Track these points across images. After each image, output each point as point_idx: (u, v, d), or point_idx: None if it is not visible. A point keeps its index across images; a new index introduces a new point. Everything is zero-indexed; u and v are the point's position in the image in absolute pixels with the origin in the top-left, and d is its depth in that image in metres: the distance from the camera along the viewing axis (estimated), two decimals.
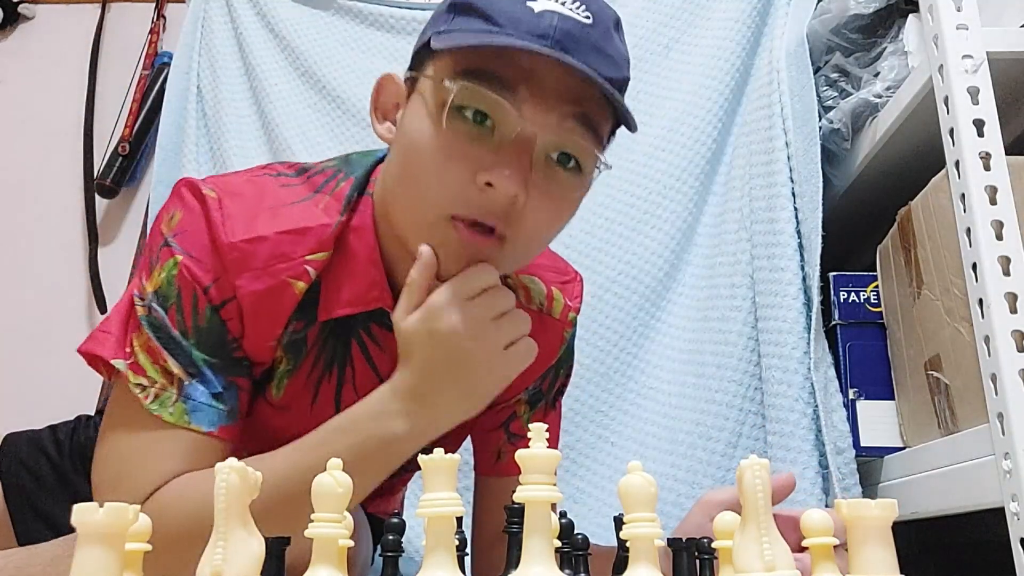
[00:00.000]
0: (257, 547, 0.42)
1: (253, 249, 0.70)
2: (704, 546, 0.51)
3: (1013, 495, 0.75)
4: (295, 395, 0.77)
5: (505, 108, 0.64)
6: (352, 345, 0.76)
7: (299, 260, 0.71)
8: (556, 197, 0.68)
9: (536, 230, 0.69)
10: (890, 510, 0.45)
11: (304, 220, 0.72)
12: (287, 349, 0.74)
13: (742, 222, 1.27)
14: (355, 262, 0.73)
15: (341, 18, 1.64)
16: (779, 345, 1.12)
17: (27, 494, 0.89)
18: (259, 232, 0.70)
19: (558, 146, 0.66)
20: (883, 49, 1.12)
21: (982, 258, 0.82)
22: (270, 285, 0.70)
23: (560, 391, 0.92)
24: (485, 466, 0.89)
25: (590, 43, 0.65)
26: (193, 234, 0.70)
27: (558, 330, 0.87)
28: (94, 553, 0.41)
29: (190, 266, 0.69)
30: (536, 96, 0.64)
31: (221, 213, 0.70)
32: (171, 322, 0.69)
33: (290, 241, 0.71)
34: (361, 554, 0.75)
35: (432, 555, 0.42)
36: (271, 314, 0.71)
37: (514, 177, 0.64)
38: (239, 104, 1.59)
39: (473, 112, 0.65)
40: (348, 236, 0.73)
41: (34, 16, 1.92)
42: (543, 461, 0.43)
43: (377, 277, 0.73)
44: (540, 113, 0.65)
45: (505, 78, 0.64)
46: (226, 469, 0.43)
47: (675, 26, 1.47)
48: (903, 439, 1.05)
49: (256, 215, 0.71)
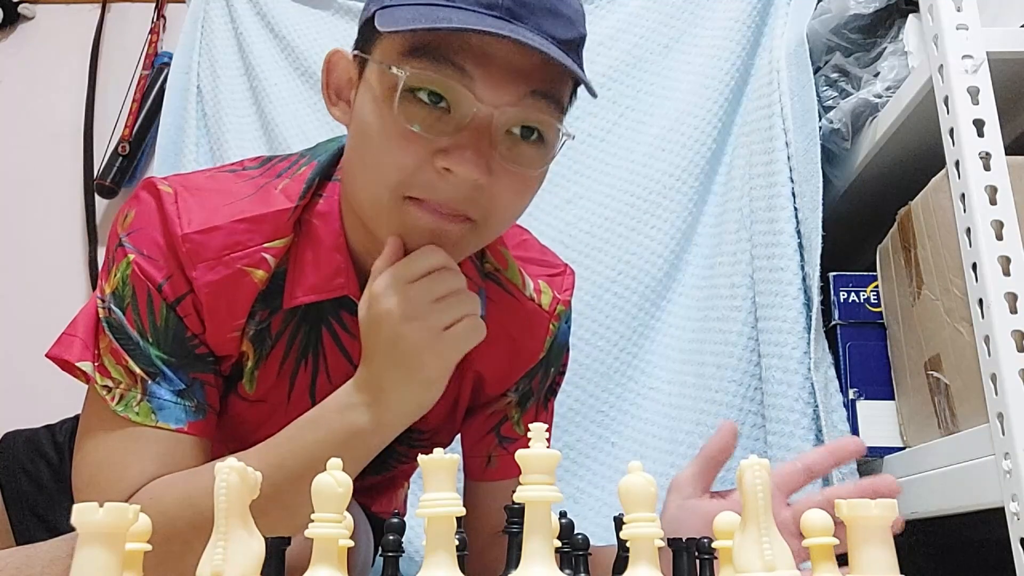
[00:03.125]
0: (257, 547, 0.42)
1: (206, 240, 0.69)
2: (704, 546, 0.51)
3: (1013, 495, 0.75)
4: (269, 388, 0.76)
5: (458, 90, 0.62)
6: (323, 334, 0.75)
7: (255, 248, 0.70)
8: (520, 172, 0.66)
9: (505, 208, 0.68)
10: (890, 510, 0.45)
11: (260, 207, 0.71)
12: (252, 340, 0.73)
13: (742, 222, 1.27)
14: (320, 248, 0.72)
15: (341, 18, 1.64)
16: (779, 345, 1.12)
17: (26, 497, 0.88)
18: (213, 222, 0.69)
19: (517, 121, 0.64)
20: (883, 49, 1.12)
21: (982, 258, 0.82)
22: (225, 275, 0.69)
23: (552, 390, 0.90)
24: (476, 472, 0.87)
25: (542, 6, 0.62)
26: (146, 231, 0.69)
27: (543, 322, 0.84)
28: (94, 553, 0.41)
29: (142, 264, 0.69)
30: (490, 74, 0.62)
31: (176, 207, 0.69)
32: (128, 322, 0.69)
33: (245, 229, 0.70)
34: (362, 554, 0.75)
35: (432, 555, 0.42)
36: (230, 305, 0.70)
37: (474, 161, 0.62)
38: (239, 104, 1.59)
39: (427, 93, 0.63)
40: (313, 221, 0.72)
41: (34, 16, 1.92)
42: (543, 461, 0.43)
43: (342, 263, 0.72)
44: (495, 91, 0.62)
45: (455, 58, 0.61)
46: (226, 469, 0.43)
47: (675, 26, 1.47)
48: (903, 439, 1.05)
49: (213, 207, 0.70)
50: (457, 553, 0.44)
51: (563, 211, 1.39)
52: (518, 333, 0.83)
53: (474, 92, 0.62)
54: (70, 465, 0.90)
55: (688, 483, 0.73)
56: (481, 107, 0.62)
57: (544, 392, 0.89)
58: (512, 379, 0.85)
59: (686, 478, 0.73)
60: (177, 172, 1.49)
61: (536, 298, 0.84)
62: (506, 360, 0.84)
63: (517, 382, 0.86)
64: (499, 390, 0.86)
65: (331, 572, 0.42)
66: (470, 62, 0.62)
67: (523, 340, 0.84)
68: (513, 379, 0.86)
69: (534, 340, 0.85)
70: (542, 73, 0.63)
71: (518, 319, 0.83)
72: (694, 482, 0.73)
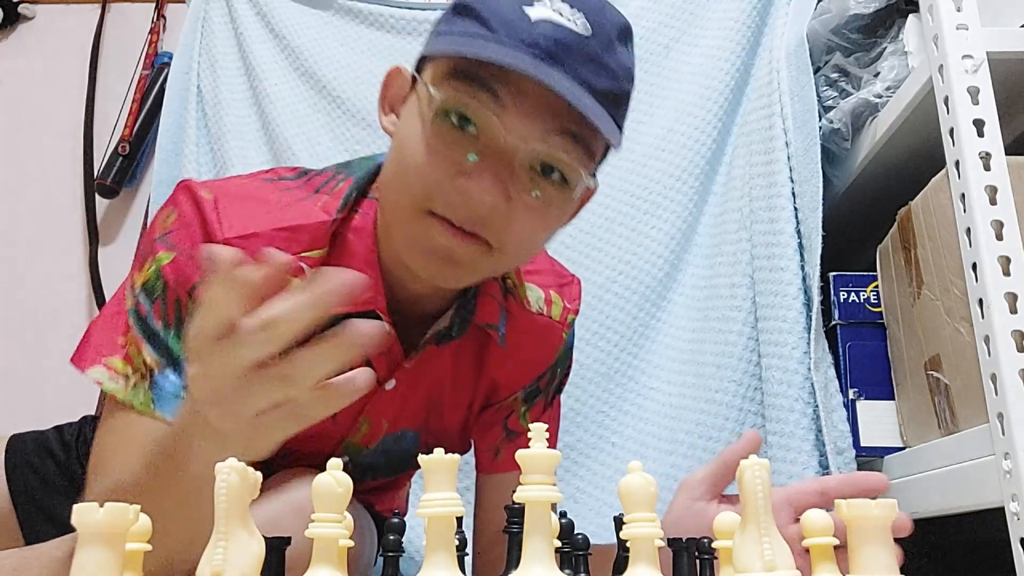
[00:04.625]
0: (257, 547, 0.42)
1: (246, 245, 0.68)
2: (704, 546, 0.51)
3: (1013, 495, 0.75)
4: None
5: (488, 117, 0.64)
6: None
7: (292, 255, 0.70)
8: (540, 207, 0.67)
9: (523, 238, 0.68)
10: (890, 510, 0.45)
11: (299, 218, 0.72)
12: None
13: (742, 222, 1.27)
14: (352, 261, 0.73)
15: (341, 18, 1.64)
16: (779, 345, 1.12)
17: (33, 494, 0.89)
18: (252, 229, 0.70)
19: (539, 157, 0.65)
20: (883, 49, 1.12)
21: (982, 258, 0.82)
22: None
23: (559, 388, 0.93)
24: (485, 464, 0.90)
25: (584, 53, 0.63)
26: (186, 233, 0.70)
27: (557, 332, 0.87)
28: (94, 553, 0.41)
29: (180, 263, 0.69)
30: (520, 107, 0.64)
31: (217, 213, 0.70)
32: (155, 313, 0.70)
33: (284, 238, 0.70)
34: (364, 553, 0.75)
35: (432, 555, 0.42)
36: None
37: (491, 186, 0.64)
38: (239, 104, 1.59)
39: (458, 116, 0.65)
40: (347, 236, 0.73)
41: (34, 16, 1.92)
42: (543, 461, 0.43)
43: (372, 278, 0.72)
44: (523, 124, 0.64)
45: (491, 87, 0.63)
46: (226, 469, 0.43)
47: (675, 26, 1.47)
48: (903, 439, 1.05)
49: (252, 214, 0.71)
50: (457, 553, 0.44)
51: None
52: (533, 345, 0.86)
53: (503, 122, 0.63)
54: (77, 462, 0.92)
55: (699, 484, 0.73)
56: (508, 137, 0.64)
57: (552, 391, 0.91)
58: (523, 384, 0.88)
59: (697, 479, 0.73)
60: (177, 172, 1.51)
61: (546, 309, 0.86)
62: (520, 369, 0.87)
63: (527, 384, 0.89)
64: (510, 394, 0.88)
65: (331, 572, 0.42)
66: (504, 93, 0.63)
67: (537, 351, 0.87)
68: (524, 384, 0.88)
69: (546, 350, 0.87)
70: (573, 116, 0.64)
71: (533, 332, 0.85)
72: (705, 484, 0.73)
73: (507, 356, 0.84)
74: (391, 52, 1.59)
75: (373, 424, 0.81)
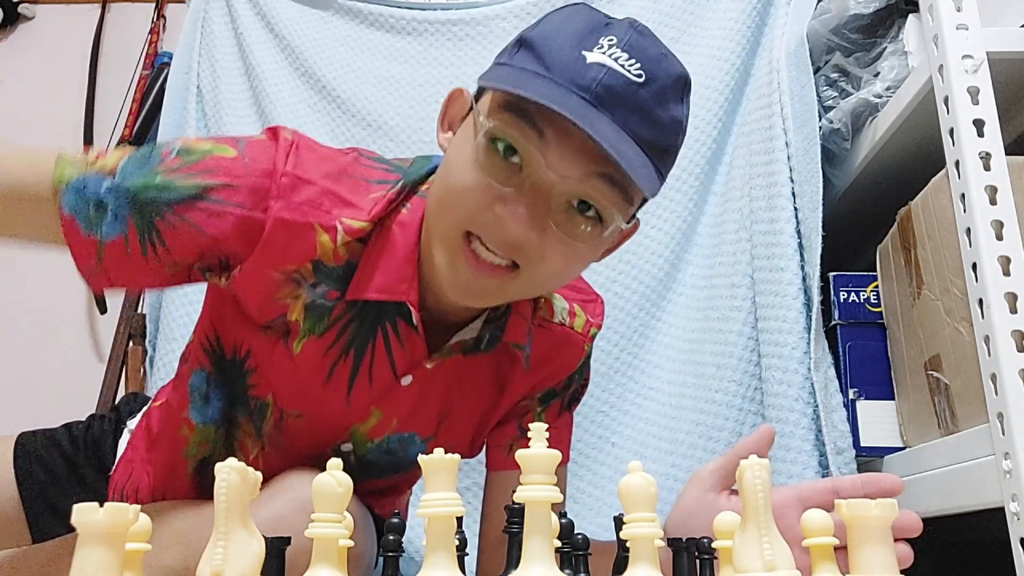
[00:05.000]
0: (257, 547, 0.42)
1: (299, 185, 0.73)
2: (704, 546, 0.51)
3: (1013, 495, 0.75)
4: (309, 362, 0.78)
5: (531, 152, 0.66)
6: (377, 336, 0.78)
7: (333, 215, 0.73)
8: (572, 242, 0.69)
9: (552, 270, 0.71)
10: (890, 510, 0.45)
11: (350, 194, 0.75)
12: (308, 309, 0.76)
13: (742, 222, 1.27)
14: (393, 253, 0.75)
15: (341, 18, 1.64)
16: (779, 345, 1.12)
17: (41, 489, 0.90)
18: (310, 177, 0.73)
19: (576, 195, 0.68)
20: (883, 49, 1.12)
21: (982, 258, 0.82)
22: (297, 221, 0.72)
23: (575, 398, 0.93)
24: (496, 462, 0.90)
25: (634, 102, 0.65)
26: (258, 150, 0.73)
27: (579, 343, 0.89)
28: (94, 553, 0.41)
29: (234, 164, 0.72)
30: (564, 147, 0.66)
31: (288, 151, 0.73)
32: (168, 162, 0.72)
33: (332, 199, 0.73)
34: (366, 554, 0.75)
35: (432, 555, 0.42)
36: (285, 248, 0.73)
37: (526, 217, 0.66)
38: (239, 104, 1.59)
39: (505, 147, 0.67)
40: (393, 228, 0.76)
41: (34, 16, 1.92)
42: (543, 461, 0.43)
43: (408, 273, 0.75)
44: (565, 163, 0.66)
45: (539, 122, 0.66)
46: (226, 469, 0.43)
47: (675, 26, 1.47)
48: (903, 439, 1.05)
49: (317, 168, 0.74)
50: (457, 553, 0.44)
51: None
52: (553, 356, 0.87)
53: (546, 158, 0.66)
54: (85, 459, 0.93)
55: (709, 476, 0.74)
56: (548, 173, 0.66)
57: (568, 396, 0.92)
58: (540, 390, 0.89)
59: (708, 471, 0.74)
60: None
61: (569, 320, 0.88)
62: (538, 379, 0.88)
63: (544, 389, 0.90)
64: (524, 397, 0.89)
65: (331, 572, 0.42)
66: (550, 131, 0.65)
67: (558, 361, 0.88)
68: (542, 390, 0.89)
69: (569, 360, 0.89)
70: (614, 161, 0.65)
71: (553, 344, 0.87)
72: (716, 476, 0.73)
73: (531, 371, 0.86)
74: (391, 52, 1.59)
75: (383, 417, 0.82)
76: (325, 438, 0.83)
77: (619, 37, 0.66)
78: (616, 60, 0.65)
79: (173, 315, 1.42)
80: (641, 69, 0.65)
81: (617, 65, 0.65)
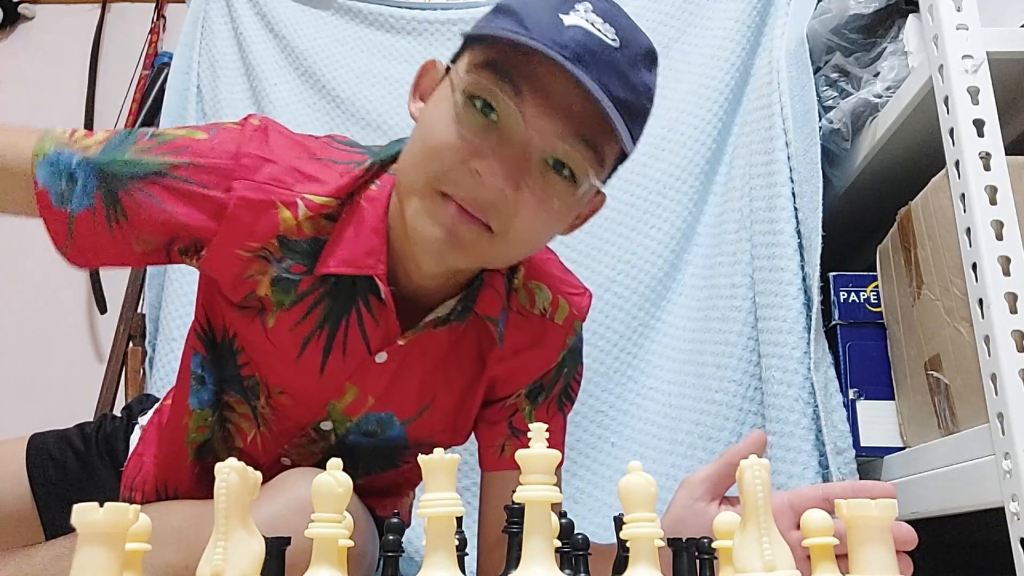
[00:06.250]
0: (257, 547, 0.42)
1: (262, 165, 0.75)
2: (704, 546, 0.51)
3: (1013, 495, 0.75)
4: (282, 336, 0.79)
5: (510, 108, 0.67)
6: (351, 312, 0.79)
7: (294, 192, 0.75)
8: (546, 200, 0.70)
9: (525, 229, 0.71)
10: (890, 510, 0.45)
11: (315, 171, 0.77)
12: (275, 284, 0.77)
13: (742, 222, 1.27)
14: (361, 227, 0.76)
15: (341, 18, 1.64)
16: (779, 345, 1.12)
17: (54, 485, 0.91)
18: (273, 157, 0.76)
19: (553, 153, 0.68)
20: (883, 49, 1.12)
21: (982, 258, 0.82)
22: (259, 199, 0.74)
23: (567, 396, 0.92)
24: (489, 462, 0.90)
25: (610, 63, 0.66)
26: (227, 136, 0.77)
27: (559, 335, 0.88)
28: (94, 553, 0.41)
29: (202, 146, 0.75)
30: (543, 103, 0.67)
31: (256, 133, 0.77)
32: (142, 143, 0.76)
33: (295, 176, 0.76)
34: (366, 554, 0.75)
35: (432, 555, 0.42)
36: (250, 225, 0.75)
37: (502, 173, 0.67)
38: (239, 104, 1.59)
39: (482, 104, 0.68)
40: (362, 203, 0.77)
41: (34, 16, 1.93)
42: (543, 461, 0.43)
43: (376, 246, 0.76)
44: (542, 120, 0.67)
45: (517, 80, 0.67)
46: (226, 469, 0.43)
47: (675, 26, 1.47)
48: (903, 439, 1.05)
49: (281, 149, 0.77)
50: (457, 553, 0.44)
51: None
52: (530, 344, 0.87)
53: (524, 115, 0.67)
54: (97, 456, 0.95)
55: (700, 484, 0.73)
56: (526, 130, 0.67)
57: (558, 395, 0.91)
58: (523, 383, 0.88)
59: (699, 479, 0.73)
60: None
61: (551, 311, 0.87)
62: (518, 367, 0.87)
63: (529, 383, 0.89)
64: (510, 391, 0.89)
65: (331, 572, 0.42)
66: (528, 88, 0.67)
67: (538, 351, 0.87)
68: (524, 382, 0.88)
69: (549, 351, 0.88)
70: (590, 120, 0.67)
71: (531, 332, 0.86)
72: (706, 484, 0.73)
73: (506, 356, 0.85)
74: (391, 52, 1.59)
75: (359, 395, 0.82)
76: (307, 415, 0.84)
77: (594, 5, 0.68)
78: (592, 24, 0.67)
79: (173, 315, 1.42)
80: (616, 35, 0.67)
81: (594, 29, 0.66)
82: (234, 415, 0.86)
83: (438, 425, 0.87)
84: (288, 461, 0.87)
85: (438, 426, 0.87)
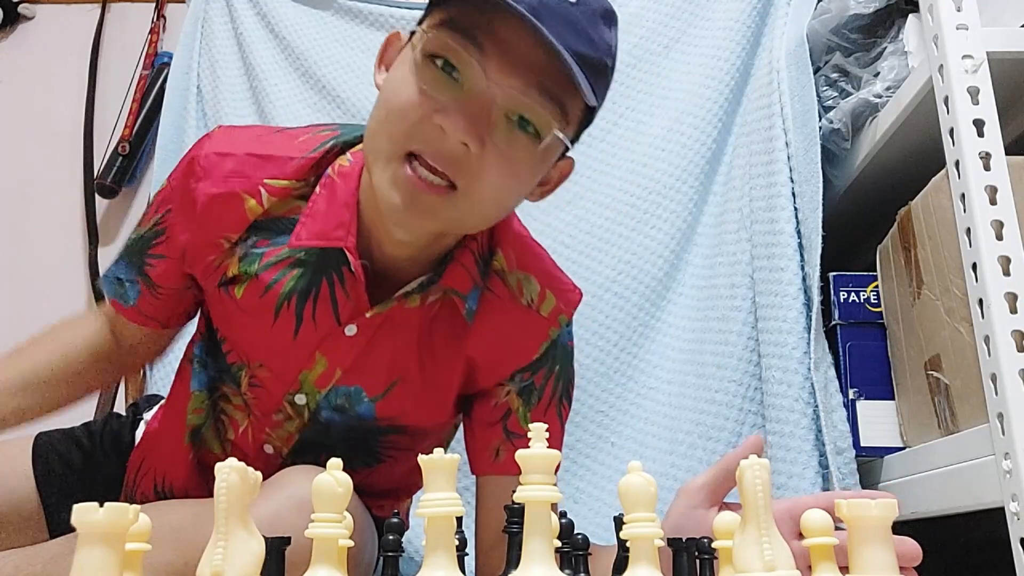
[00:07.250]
0: (257, 547, 0.42)
1: (220, 161, 0.80)
2: (704, 546, 0.51)
3: (1013, 495, 0.75)
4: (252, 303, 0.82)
5: (471, 64, 0.68)
6: (322, 283, 0.81)
7: (255, 180, 0.79)
8: (510, 157, 0.70)
9: (490, 186, 0.71)
10: (890, 510, 0.45)
11: (274, 149, 0.81)
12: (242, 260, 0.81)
13: (742, 222, 1.27)
14: (333, 201, 0.79)
15: (341, 18, 1.64)
16: (779, 345, 1.12)
17: (59, 482, 0.92)
18: (229, 151, 0.80)
19: (515, 108, 0.69)
20: (883, 49, 1.12)
21: (982, 258, 0.82)
22: (223, 192, 0.79)
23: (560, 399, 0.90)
24: (483, 465, 0.88)
25: (567, 18, 0.67)
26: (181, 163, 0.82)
27: (543, 326, 0.87)
28: (94, 553, 0.41)
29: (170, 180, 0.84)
30: (504, 59, 0.68)
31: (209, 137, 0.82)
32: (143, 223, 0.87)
33: (253, 163, 0.80)
34: (366, 554, 0.75)
35: (432, 555, 0.42)
36: (220, 219, 0.80)
37: (465, 126, 0.67)
38: (239, 104, 1.59)
39: (443, 62, 0.69)
40: (335, 178, 0.80)
41: (34, 16, 1.92)
42: (543, 461, 0.43)
43: (347, 219, 0.78)
44: (505, 75, 0.68)
45: (478, 37, 0.68)
46: (226, 469, 0.43)
47: (675, 26, 1.47)
48: (903, 439, 1.05)
49: (236, 141, 0.81)
50: (457, 553, 0.44)
51: (563, 211, 1.39)
52: (512, 331, 0.86)
53: (485, 70, 0.68)
54: (102, 453, 0.97)
55: (698, 491, 0.71)
56: (488, 85, 0.68)
57: (553, 396, 0.89)
58: (505, 372, 0.87)
59: (697, 486, 0.71)
60: None
61: (536, 303, 0.87)
62: (497, 352, 0.87)
63: (512, 374, 0.87)
64: (492, 381, 0.88)
65: (331, 572, 0.42)
66: (489, 45, 0.68)
67: (516, 338, 0.87)
68: (506, 372, 0.87)
69: (529, 341, 0.87)
70: (552, 74, 0.68)
71: (513, 319, 0.86)
72: (704, 490, 0.71)
73: (483, 337, 0.85)
74: None
75: (328, 366, 0.83)
76: (283, 388, 0.85)
77: None
78: None
79: None
80: None
81: None
82: (229, 406, 0.88)
83: (408, 405, 0.86)
84: (270, 449, 0.87)
85: (408, 406, 0.86)
